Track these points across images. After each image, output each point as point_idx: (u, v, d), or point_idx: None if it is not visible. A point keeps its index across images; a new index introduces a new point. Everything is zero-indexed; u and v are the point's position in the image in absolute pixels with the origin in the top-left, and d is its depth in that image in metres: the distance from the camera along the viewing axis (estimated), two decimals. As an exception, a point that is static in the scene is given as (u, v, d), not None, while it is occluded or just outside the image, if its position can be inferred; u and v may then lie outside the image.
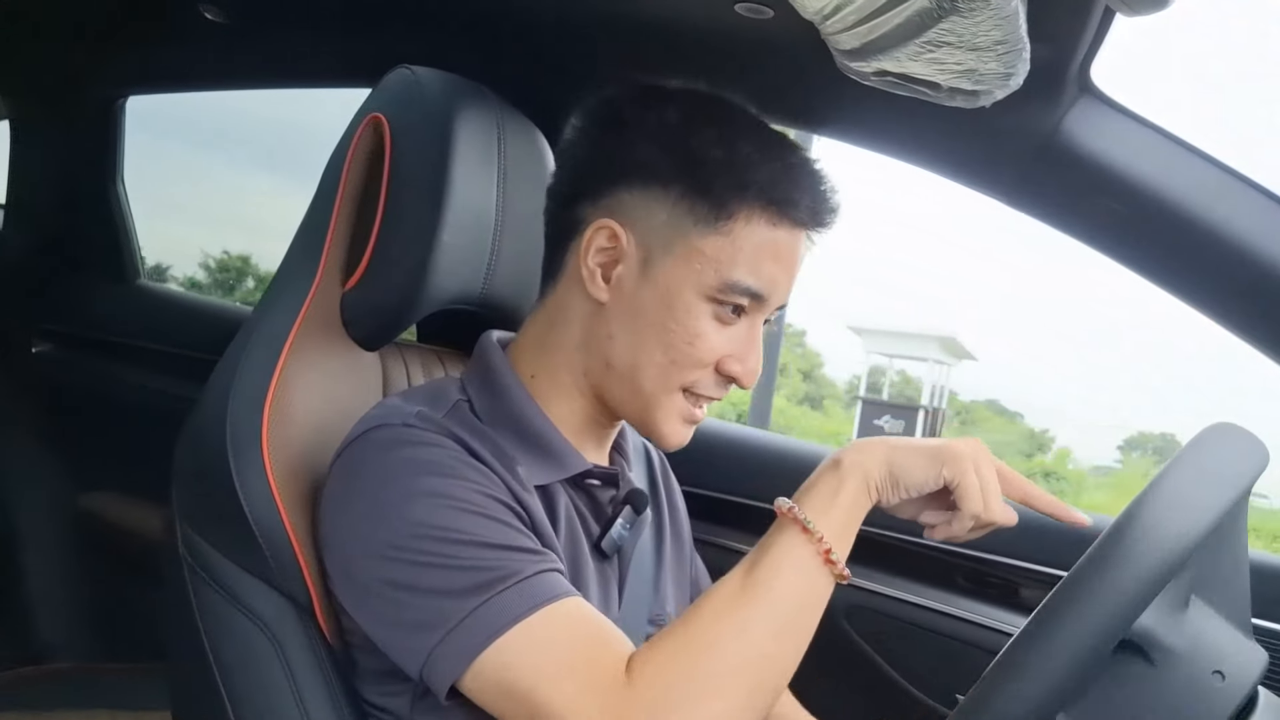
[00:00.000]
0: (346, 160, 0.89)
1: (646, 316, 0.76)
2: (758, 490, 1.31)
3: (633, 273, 0.76)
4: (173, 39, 1.46)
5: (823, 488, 0.69)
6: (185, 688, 0.84)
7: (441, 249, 0.86)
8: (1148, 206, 0.92)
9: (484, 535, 0.67)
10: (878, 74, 0.79)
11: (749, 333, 0.78)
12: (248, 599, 0.78)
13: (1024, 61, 0.75)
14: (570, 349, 0.80)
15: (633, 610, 0.84)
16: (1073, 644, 0.56)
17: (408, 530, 0.68)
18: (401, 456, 0.71)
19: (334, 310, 0.88)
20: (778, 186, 0.74)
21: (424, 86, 0.87)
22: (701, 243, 0.74)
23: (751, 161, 0.74)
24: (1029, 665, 0.57)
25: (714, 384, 0.78)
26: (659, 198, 0.75)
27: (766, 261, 0.75)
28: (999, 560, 1.18)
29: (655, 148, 0.76)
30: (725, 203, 0.74)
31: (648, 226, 0.76)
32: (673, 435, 0.80)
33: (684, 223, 0.75)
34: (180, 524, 0.82)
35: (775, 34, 0.88)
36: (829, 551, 0.67)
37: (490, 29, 1.11)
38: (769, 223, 0.75)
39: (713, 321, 0.76)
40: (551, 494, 0.78)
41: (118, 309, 1.86)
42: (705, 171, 0.74)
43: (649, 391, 0.77)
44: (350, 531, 0.72)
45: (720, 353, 0.76)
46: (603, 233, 0.76)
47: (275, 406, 0.80)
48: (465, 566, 0.66)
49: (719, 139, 0.75)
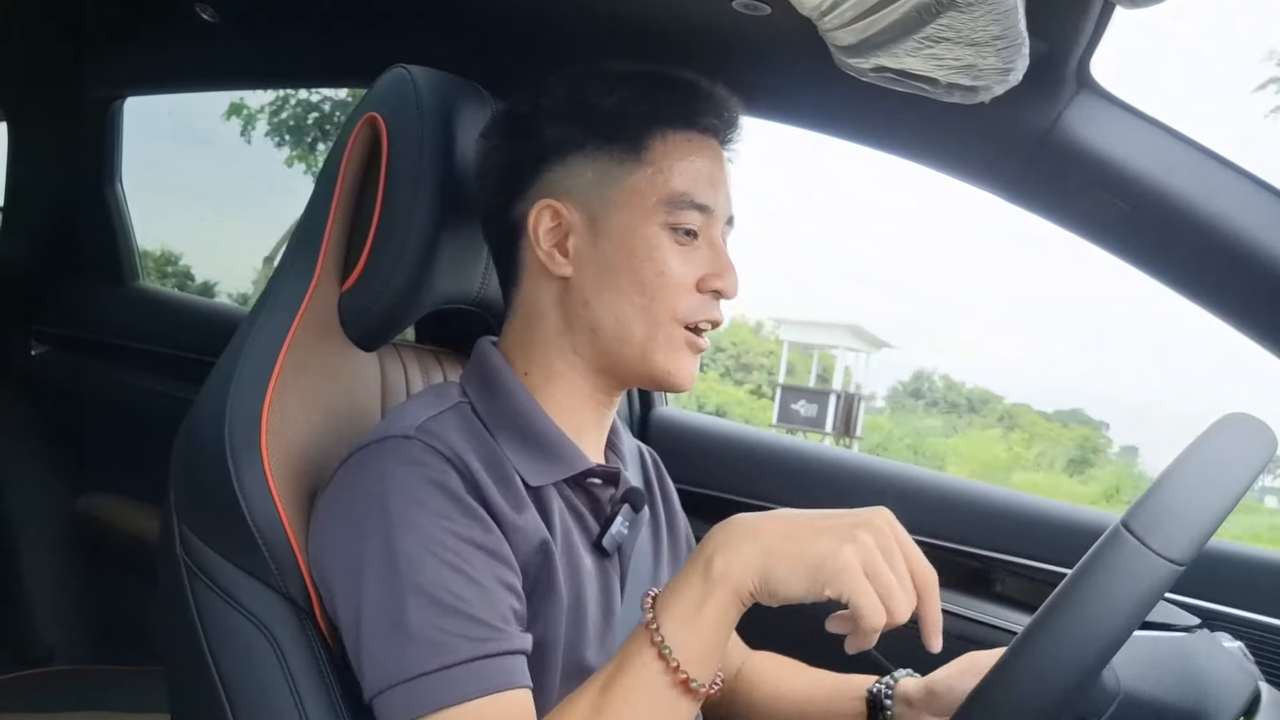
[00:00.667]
0: (343, 160, 0.89)
1: (613, 269, 0.79)
2: (755, 488, 1.31)
3: (585, 237, 0.80)
4: (169, 39, 1.46)
5: (688, 594, 0.65)
6: (184, 689, 0.84)
7: (439, 249, 0.86)
8: (1147, 201, 0.92)
9: (458, 597, 0.68)
10: (876, 70, 0.79)
11: (712, 249, 0.80)
12: (246, 600, 0.78)
13: (1023, 56, 0.75)
14: (553, 336, 0.82)
15: (634, 605, 0.84)
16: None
17: (384, 564, 0.69)
18: (398, 479, 0.71)
19: (331, 311, 0.87)
20: (674, 103, 0.80)
21: (419, 86, 0.86)
22: (633, 180, 0.79)
23: (644, 92, 0.80)
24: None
25: (701, 306, 0.80)
26: (580, 161, 0.80)
27: (695, 172, 0.79)
28: (1002, 558, 1.18)
29: (558, 123, 0.80)
30: (637, 136, 0.79)
31: (581, 189, 0.80)
32: (680, 372, 0.81)
33: (611, 171, 0.79)
34: (178, 525, 0.82)
35: (773, 30, 0.88)
36: (687, 679, 0.64)
37: (485, 28, 1.11)
38: (682, 137, 0.80)
39: (674, 249, 0.79)
40: (545, 496, 0.79)
41: (116, 311, 1.86)
42: (609, 118, 0.79)
43: (642, 337, 0.79)
44: (333, 539, 0.73)
45: (694, 275, 0.79)
46: (545, 213, 0.80)
47: (274, 407, 0.80)
48: (432, 626, 0.67)
49: (608, 87, 0.80)
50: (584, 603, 0.79)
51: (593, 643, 0.79)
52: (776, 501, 1.30)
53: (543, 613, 0.75)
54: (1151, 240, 0.97)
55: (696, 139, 0.80)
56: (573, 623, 0.78)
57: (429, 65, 0.90)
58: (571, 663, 0.77)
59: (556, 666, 0.76)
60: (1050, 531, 1.17)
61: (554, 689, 0.76)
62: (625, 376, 0.83)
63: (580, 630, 0.78)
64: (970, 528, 1.21)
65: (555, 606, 0.75)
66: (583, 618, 0.79)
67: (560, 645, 0.76)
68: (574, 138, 0.80)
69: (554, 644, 0.75)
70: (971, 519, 1.21)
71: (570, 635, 0.77)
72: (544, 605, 0.75)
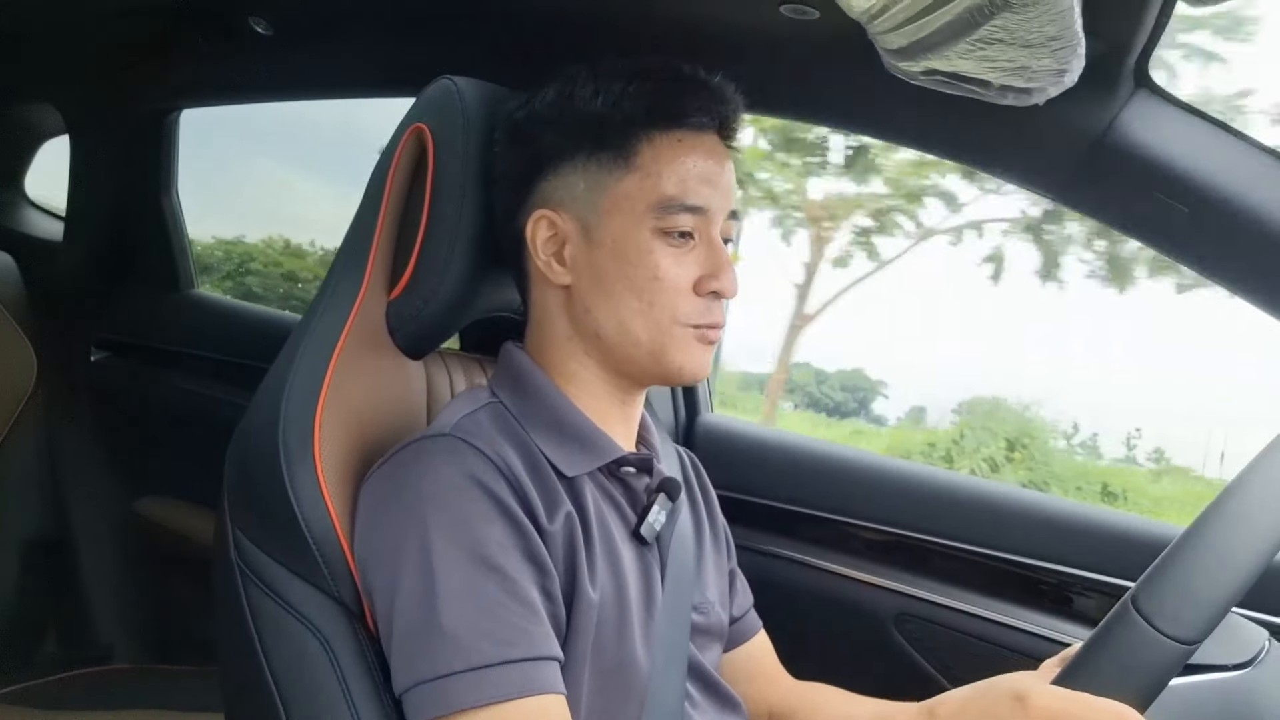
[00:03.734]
0: (390, 170, 0.90)
1: (609, 275, 0.79)
2: (800, 495, 1.30)
3: (580, 246, 0.80)
4: (222, 52, 1.49)
5: None
6: (238, 690, 0.85)
7: (483, 258, 0.86)
8: (1207, 203, 0.89)
9: (490, 599, 0.69)
10: (926, 73, 0.78)
11: (709, 250, 0.80)
12: (299, 603, 0.79)
13: (1079, 57, 0.73)
14: (563, 341, 0.83)
15: (676, 596, 0.85)
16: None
17: (419, 563, 0.70)
18: (436, 478, 0.72)
19: (380, 319, 0.88)
20: (660, 104, 0.78)
21: (464, 96, 0.87)
22: (623, 187, 0.78)
23: (629, 95, 0.78)
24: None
25: (701, 309, 0.79)
26: (571, 171, 0.80)
27: (686, 174, 0.78)
28: (1052, 568, 1.15)
29: (548, 131, 0.80)
30: (624, 142, 0.78)
31: (574, 199, 0.80)
32: (690, 364, 0.81)
33: (601, 179, 0.79)
34: (232, 529, 0.83)
35: (821, 35, 0.87)
36: None
37: (531, 37, 1.11)
38: (671, 138, 0.78)
39: (668, 252, 0.78)
40: (580, 487, 0.79)
41: (172, 317, 1.90)
42: (595, 126, 0.79)
43: (647, 339, 0.79)
44: (371, 535, 0.75)
45: (690, 276, 0.79)
46: (541, 224, 0.81)
47: (326, 414, 0.81)
48: (462, 627, 0.68)
49: (594, 92, 0.79)
50: (626, 594, 0.79)
51: (637, 633, 0.79)
52: (820, 509, 1.30)
53: (576, 610, 0.75)
54: (1212, 243, 0.94)
55: (688, 137, 0.79)
56: (615, 615, 0.77)
57: (476, 74, 0.90)
58: (618, 655, 0.77)
59: (586, 661, 0.75)
60: (1106, 541, 1.15)
61: (598, 685, 0.76)
62: (639, 375, 0.83)
63: (625, 622, 0.78)
64: (1024, 538, 1.18)
65: (588, 604, 0.75)
66: (626, 609, 0.78)
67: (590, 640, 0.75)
68: (564, 148, 0.80)
69: (587, 640, 0.75)
70: (1025, 529, 1.19)
71: (614, 627, 0.77)
72: (578, 604, 0.75)
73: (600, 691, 0.76)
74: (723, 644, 0.95)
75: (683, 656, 0.84)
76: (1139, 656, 0.60)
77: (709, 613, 0.90)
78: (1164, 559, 0.64)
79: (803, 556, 1.28)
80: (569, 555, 0.75)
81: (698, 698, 0.86)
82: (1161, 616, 0.60)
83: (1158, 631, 0.60)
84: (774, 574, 1.26)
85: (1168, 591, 0.61)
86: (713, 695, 0.89)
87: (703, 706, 0.87)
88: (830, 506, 1.28)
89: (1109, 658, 0.61)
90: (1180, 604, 0.61)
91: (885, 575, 1.23)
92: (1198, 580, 0.61)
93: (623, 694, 0.78)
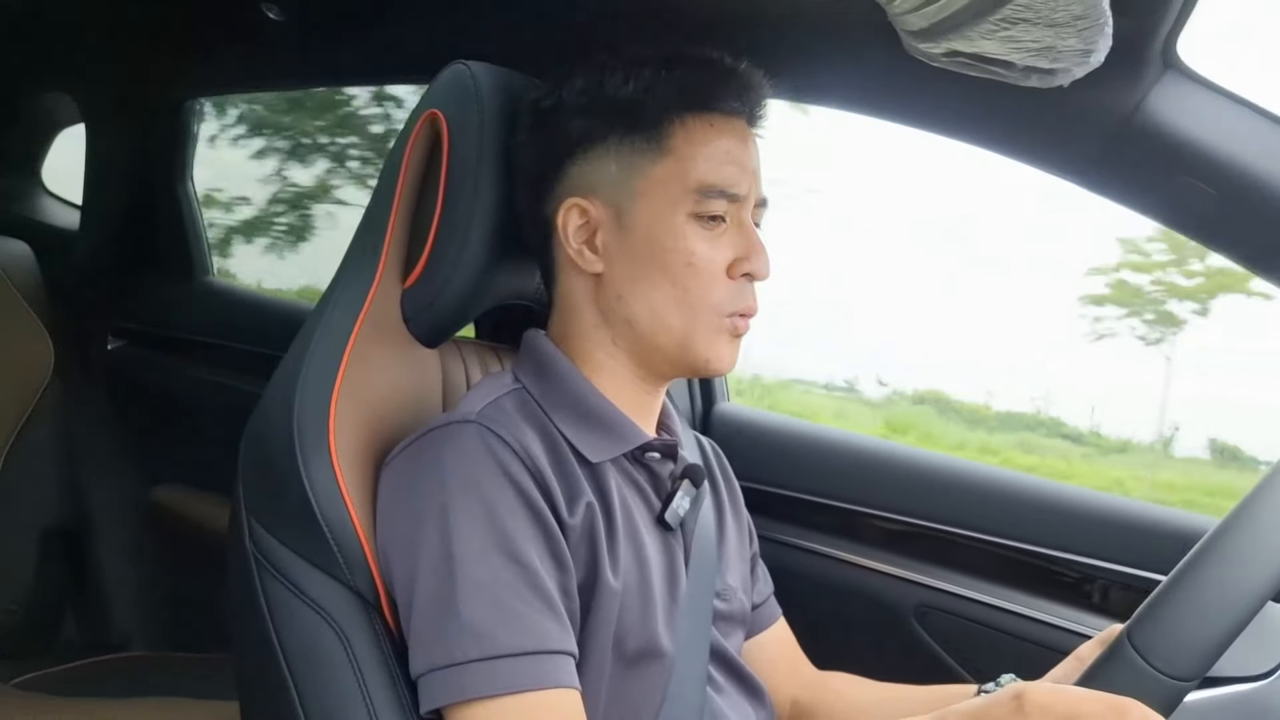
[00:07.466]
0: (405, 157, 0.89)
1: (642, 262, 0.79)
2: (818, 484, 1.29)
3: (612, 232, 0.80)
4: (236, 40, 1.49)
5: None
6: (253, 679, 0.85)
7: (499, 246, 0.85)
8: (1237, 186, 0.87)
9: (508, 590, 0.69)
10: (948, 55, 0.76)
11: (742, 233, 0.80)
12: (313, 592, 0.79)
13: (1105, 37, 0.71)
14: (591, 329, 0.83)
15: (699, 582, 0.85)
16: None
17: (440, 550, 0.70)
18: (458, 464, 0.72)
19: (394, 307, 0.88)
20: (693, 88, 0.78)
21: (479, 82, 0.86)
22: (656, 171, 0.78)
23: (661, 80, 0.78)
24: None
25: (735, 294, 0.79)
26: (602, 155, 0.79)
27: (718, 157, 0.78)
28: (1075, 560, 1.14)
29: (578, 117, 0.80)
30: (657, 126, 0.78)
31: (606, 185, 0.79)
32: (718, 359, 0.81)
33: (634, 163, 0.79)
34: (246, 518, 0.83)
35: (840, 16, 0.86)
36: None
37: (545, 22, 1.10)
38: (703, 122, 0.78)
39: (701, 235, 0.78)
40: (603, 473, 0.79)
41: (188, 305, 1.91)
42: (628, 111, 0.78)
43: (679, 326, 0.79)
44: (392, 520, 0.75)
45: (723, 261, 0.79)
46: (573, 212, 0.80)
47: (340, 402, 0.80)
48: (479, 616, 0.68)
49: (625, 77, 0.78)
50: (649, 580, 0.79)
51: (661, 619, 0.79)
52: (838, 499, 1.29)
53: (598, 599, 0.74)
54: (1241, 226, 0.92)
55: (719, 121, 0.79)
56: (639, 602, 0.77)
57: (491, 59, 0.89)
58: (641, 641, 0.77)
59: (608, 648, 0.75)
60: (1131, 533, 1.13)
61: (622, 670, 0.76)
62: (664, 366, 0.83)
63: (648, 608, 0.78)
64: (1047, 529, 1.17)
65: (610, 593, 0.75)
66: (649, 595, 0.78)
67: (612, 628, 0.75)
68: (596, 131, 0.79)
69: (609, 628, 0.75)
70: (1048, 520, 1.17)
71: (638, 614, 0.77)
72: (599, 593, 0.75)
73: (624, 676, 0.76)
74: (745, 630, 0.95)
75: (705, 642, 0.84)
76: (1135, 694, 0.58)
77: (731, 599, 0.90)
78: (1160, 593, 0.62)
79: (820, 547, 1.27)
80: (590, 546, 0.75)
81: (722, 683, 0.87)
82: (1156, 654, 0.59)
83: (1154, 669, 0.59)
84: (791, 564, 1.25)
85: (1164, 627, 0.60)
86: (737, 680, 0.89)
87: (727, 691, 0.87)
88: (848, 496, 1.27)
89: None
90: (1177, 641, 0.60)
91: (905, 566, 1.22)
92: (1194, 616, 0.60)
93: (646, 679, 0.78)
